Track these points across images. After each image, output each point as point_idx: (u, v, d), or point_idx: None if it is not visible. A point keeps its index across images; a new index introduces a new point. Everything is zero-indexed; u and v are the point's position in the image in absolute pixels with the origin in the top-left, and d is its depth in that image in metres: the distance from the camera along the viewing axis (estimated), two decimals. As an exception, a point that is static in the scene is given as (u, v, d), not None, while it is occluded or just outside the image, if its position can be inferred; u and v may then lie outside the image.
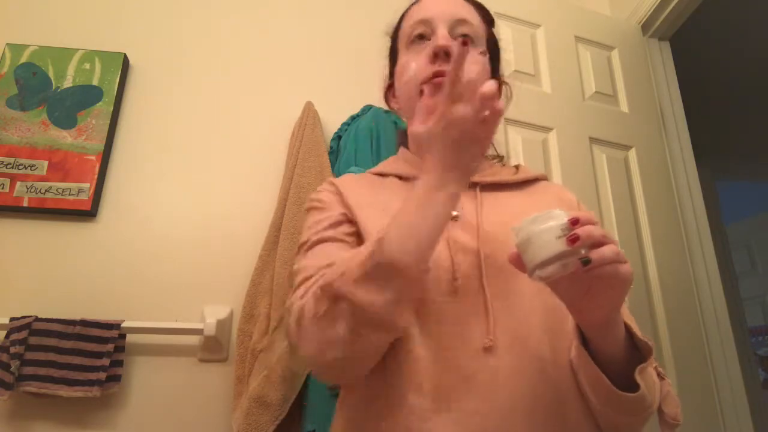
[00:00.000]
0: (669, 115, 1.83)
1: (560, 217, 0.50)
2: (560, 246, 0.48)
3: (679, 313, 1.52)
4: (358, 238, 0.70)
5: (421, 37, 0.76)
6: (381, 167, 0.84)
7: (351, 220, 0.71)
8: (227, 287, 1.49)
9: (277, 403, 1.27)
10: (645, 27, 1.88)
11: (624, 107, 1.73)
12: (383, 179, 0.80)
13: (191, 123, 1.66)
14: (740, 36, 2.53)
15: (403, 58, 0.79)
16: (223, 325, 1.42)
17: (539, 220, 0.50)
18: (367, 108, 1.63)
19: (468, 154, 0.56)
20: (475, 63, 0.73)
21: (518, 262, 0.53)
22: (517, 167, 0.84)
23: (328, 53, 1.82)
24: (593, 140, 1.63)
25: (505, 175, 0.79)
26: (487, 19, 0.84)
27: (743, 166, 3.52)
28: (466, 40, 0.54)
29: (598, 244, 0.49)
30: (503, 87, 0.85)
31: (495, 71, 0.84)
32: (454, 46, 0.57)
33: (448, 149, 0.55)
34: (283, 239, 1.43)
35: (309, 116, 1.62)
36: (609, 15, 2.00)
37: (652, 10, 1.82)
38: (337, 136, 1.63)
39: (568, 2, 1.83)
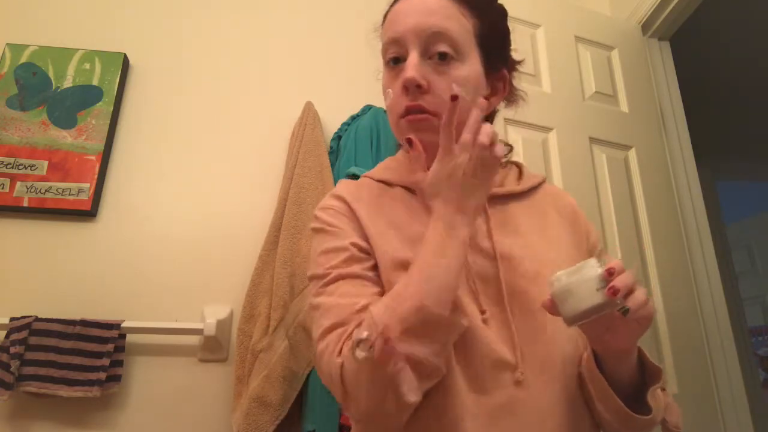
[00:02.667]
0: (669, 115, 1.83)
1: (595, 268, 0.54)
2: (600, 298, 0.52)
3: (679, 314, 1.52)
4: (376, 267, 0.67)
5: (396, 60, 0.69)
6: (385, 174, 0.77)
7: (365, 250, 0.67)
8: (227, 287, 1.49)
9: (277, 403, 1.27)
10: (645, 27, 1.88)
11: (624, 107, 1.73)
12: (390, 190, 0.74)
13: (191, 123, 1.66)
14: (740, 36, 2.53)
15: (384, 77, 0.73)
16: (223, 325, 1.42)
17: (576, 273, 0.54)
18: (367, 108, 1.64)
19: (472, 197, 0.59)
20: (454, 85, 0.64)
21: (553, 309, 0.56)
22: (519, 169, 0.81)
23: (328, 53, 1.82)
24: (593, 140, 1.63)
25: (510, 184, 0.77)
26: (475, 7, 0.71)
27: (743, 166, 3.52)
28: (455, 95, 0.57)
29: (631, 291, 0.53)
30: (515, 92, 0.81)
31: (500, 62, 0.74)
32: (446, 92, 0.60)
33: (453, 195, 0.59)
34: (283, 239, 1.43)
35: (309, 116, 1.62)
36: (609, 15, 2.00)
37: (652, 10, 1.82)
38: (337, 136, 1.63)
39: (568, 2, 1.83)
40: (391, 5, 0.74)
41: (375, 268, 0.66)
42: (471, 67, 0.68)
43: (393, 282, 0.62)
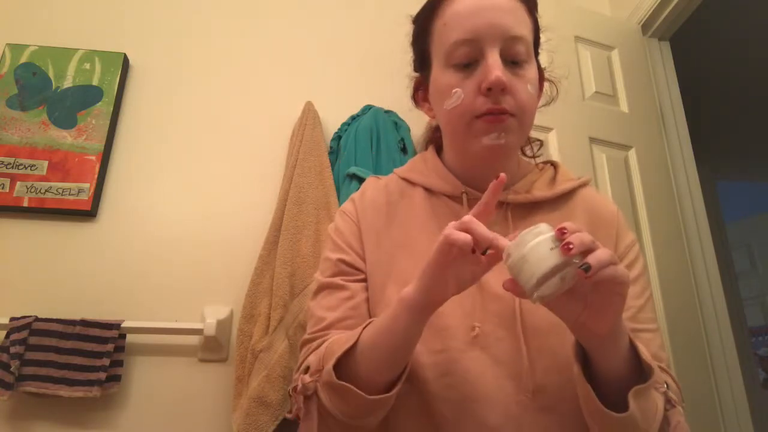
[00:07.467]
0: (669, 115, 1.82)
1: (547, 231, 0.49)
2: (556, 257, 0.47)
3: (679, 313, 1.52)
4: (364, 280, 0.71)
5: (467, 64, 0.66)
6: (411, 172, 0.77)
7: (355, 266, 0.71)
8: (227, 287, 1.48)
9: (277, 403, 1.27)
10: (645, 27, 1.88)
11: (624, 107, 1.73)
12: (411, 189, 0.75)
13: (191, 123, 1.66)
14: (740, 36, 2.53)
15: (442, 77, 0.68)
16: (223, 325, 1.42)
17: (528, 238, 0.49)
18: (367, 108, 1.64)
19: (450, 281, 0.55)
20: (529, 86, 0.66)
21: (514, 287, 0.51)
22: (555, 169, 0.76)
23: (328, 53, 1.82)
24: (593, 140, 1.63)
25: (540, 189, 0.72)
26: (533, 8, 0.72)
27: (743, 166, 3.52)
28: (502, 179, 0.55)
29: (591, 249, 0.47)
30: (545, 84, 0.78)
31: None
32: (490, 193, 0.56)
33: (435, 265, 0.54)
34: (283, 239, 1.43)
35: (309, 116, 1.62)
36: (609, 15, 2.00)
37: (652, 10, 1.82)
38: (337, 136, 1.63)
39: (568, 2, 1.83)
40: None
41: (363, 280, 0.70)
42: (535, 68, 0.69)
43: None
